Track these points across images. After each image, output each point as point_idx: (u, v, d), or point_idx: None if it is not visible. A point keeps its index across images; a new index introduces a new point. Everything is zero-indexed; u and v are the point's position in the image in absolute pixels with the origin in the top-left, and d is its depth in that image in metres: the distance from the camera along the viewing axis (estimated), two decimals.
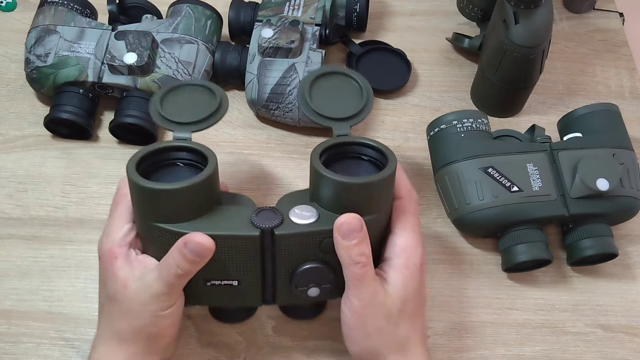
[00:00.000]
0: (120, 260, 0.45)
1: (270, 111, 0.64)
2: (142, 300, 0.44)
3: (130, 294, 0.44)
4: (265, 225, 0.44)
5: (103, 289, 0.47)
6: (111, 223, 0.47)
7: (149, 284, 0.44)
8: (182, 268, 0.43)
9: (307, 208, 0.45)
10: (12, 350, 0.55)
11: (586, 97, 0.70)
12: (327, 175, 0.44)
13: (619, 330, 0.58)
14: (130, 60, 0.61)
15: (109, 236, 0.46)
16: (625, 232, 0.62)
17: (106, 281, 0.46)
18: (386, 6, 0.76)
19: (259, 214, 0.45)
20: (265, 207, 0.46)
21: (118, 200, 0.48)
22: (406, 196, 0.47)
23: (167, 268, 0.43)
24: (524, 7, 0.57)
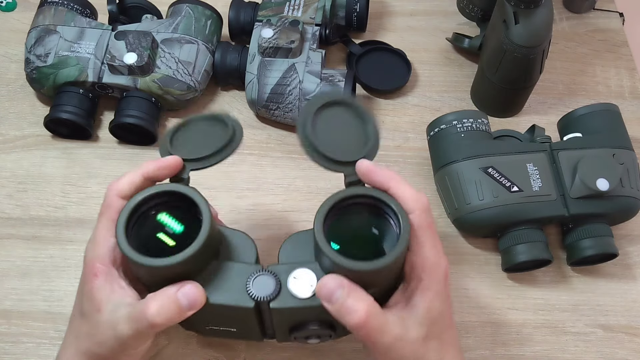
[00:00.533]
0: (100, 280, 0.42)
1: (270, 111, 0.64)
2: (109, 336, 0.41)
3: (100, 320, 0.41)
4: (260, 297, 0.42)
5: (79, 300, 0.44)
6: (97, 233, 0.43)
7: (117, 320, 0.40)
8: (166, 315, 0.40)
9: (308, 275, 0.42)
10: (12, 350, 0.55)
11: (586, 97, 0.70)
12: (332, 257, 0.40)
13: (619, 330, 0.58)
14: (130, 60, 0.61)
15: (95, 246, 0.43)
16: (625, 232, 0.62)
17: (83, 294, 0.43)
18: (386, 6, 0.76)
19: (255, 281, 0.42)
20: (262, 271, 0.42)
21: (103, 211, 0.44)
22: (415, 208, 0.42)
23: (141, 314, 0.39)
24: (524, 7, 0.57)
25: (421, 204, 0.42)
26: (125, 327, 0.40)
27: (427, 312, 0.41)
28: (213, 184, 0.63)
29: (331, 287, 0.40)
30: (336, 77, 0.62)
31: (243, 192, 0.63)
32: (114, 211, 0.43)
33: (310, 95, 0.62)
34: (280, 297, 0.42)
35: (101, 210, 0.44)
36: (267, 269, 0.43)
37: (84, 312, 0.43)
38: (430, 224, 0.42)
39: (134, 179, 0.44)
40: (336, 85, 0.62)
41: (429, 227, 0.42)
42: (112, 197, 0.43)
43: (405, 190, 0.42)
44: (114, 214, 0.43)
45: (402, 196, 0.42)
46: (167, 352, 0.55)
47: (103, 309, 0.41)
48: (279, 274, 0.42)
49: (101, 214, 0.44)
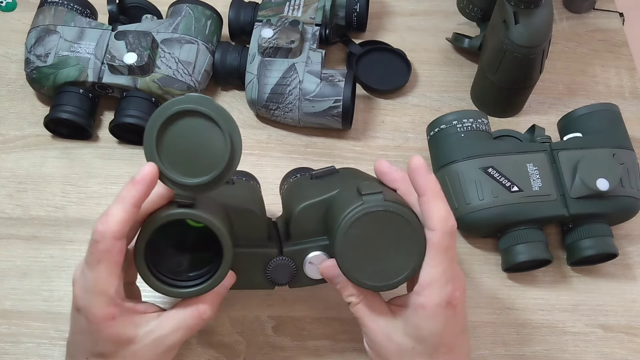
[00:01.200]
0: (119, 320, 0.41)
1: (270, 111, 0.64)
2: (154, 352, 0.42)
3: (136, 349, 0.42)
4: (280, 282, 0.47)
5: (89, 347, 0.43)
6: (97, 281, 0.40)
7: (164, 335, 0.42)
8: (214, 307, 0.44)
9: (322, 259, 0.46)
10: (12, 350, 0.55)
11: (586, 97, 0.70)
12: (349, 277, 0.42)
13: (619, 330, 0.58)
14: (130, 60, 0.61)
15: (99, 296, 0.40)
16: (625, 232, 0.62)
17: (97, 341, 0.42)
18: (386, 6, 0.76)
19: (274, 268, 0.46)
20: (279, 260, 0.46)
21: (100, 257, 0.40)
22: (438, 228, 0.41)
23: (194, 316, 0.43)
24: (524, 7, 0.57)
25: (447, 227, 0.41)
26: (175, 336, 0.43)
27: (415, 329, 0.42)
28: None
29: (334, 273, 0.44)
30: (336, 77, 0.62)
31: None
32: (116, 254, 0.40)
33: (311, 95, 0.62)
34: (297, 279, 0.47)
35: (97, 257, 0.40)
36: (284, 257, 0.46)
37: (107, 353, 0.42)
38: (447, 247, 0.41)
39: (124, 215, 0.40)
40: (336, 85, 0.62)
41: (446, 250, 0.41)
42: (108, 242, 0.40)
43: (439, 207, 0.41)
44: (116, 257, 0.40)
45: (431, 212, 0.41)
46: None
47: (136, 339, 0.42)
48: (294, 258, 0.46)
49: (99, 260, 0.40)
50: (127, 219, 0.40)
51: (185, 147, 0.40)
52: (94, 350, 0.42)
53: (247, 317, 0.57)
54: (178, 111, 0.39)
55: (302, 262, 0.46)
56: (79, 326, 0.42)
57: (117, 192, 0.62)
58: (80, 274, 0.42)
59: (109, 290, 0.41)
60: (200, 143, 0.40)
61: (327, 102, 0.62)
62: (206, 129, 0.40)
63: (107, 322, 0.41)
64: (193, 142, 0.40)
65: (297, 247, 0.46)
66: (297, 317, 0.57)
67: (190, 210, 0.40)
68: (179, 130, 0.40)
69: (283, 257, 0.46)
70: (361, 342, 0.56)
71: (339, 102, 0.62)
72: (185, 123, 0.40)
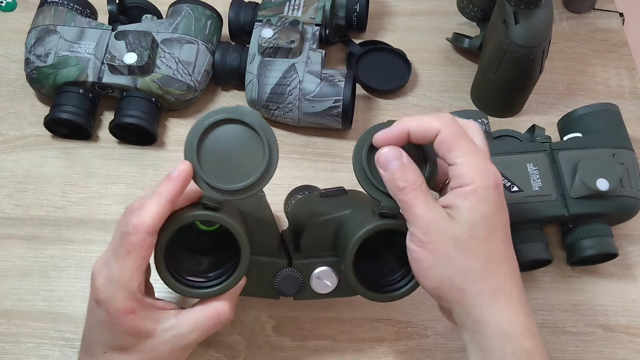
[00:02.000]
0: (139, 314, 0.42)
1: (270, 111, 0.64)
2: (171, 349, 0.43)
3: (155, 344, 0.43)
4: (286, 293, 0.47)
5: (108, 340, 0.43)
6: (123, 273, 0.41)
7: (182, 333, 0.43)
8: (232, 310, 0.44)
9: (329, 275, 0.47)
10: (12, 350, 0.55)
11: (586, 97, 0.70)
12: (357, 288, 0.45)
13: (619, 330, 0.58)
14: (130, 60, 0.61)
15: (122, 288, 0.41)
16: (625, 232, 0.62)
17: (117, 334, 0.42)
18: (386, 6, 0.76)
19: (281, 279, 0.47)
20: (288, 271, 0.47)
21: (131, 250, 0.40)
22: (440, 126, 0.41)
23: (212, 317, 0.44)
24: (524, 7, 0.57)
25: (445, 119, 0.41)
26: (193, 335, 0.43)
27: (469, 212, 0.40)
28: None
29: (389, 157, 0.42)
30: (336, 77, 0.62)
31: None
32: (146, 249, 0.41)
33: (311, 95, 0.62)
34: (303, 292, 0.47)
35: (128, 249, 0.40)
36: (293, 268, 0.47)
37: (126, 346, 0.43)
38: (460, 133, 0.41)
39: (160, 211, 0.40)
40: (336, 85, 0.62)
41: (460, 136, 0.41)
42: (141, 235, 0.40)
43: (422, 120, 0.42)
44: (146, 252, 0.41)
45: (425, 126, 0.41)
46: None
47: (155, 334, 0.42)
48: (302, 271, 0.47)
49: (128, 253, 0.40)
50: (162, 214, 0.41)
51: (225, 153, 0.42)
52: (112, 343, 0.43)
53: (247, 317, 0.57)
54: (224, 118, 0.41)
55: (310, 275, 0.47)
56: (97, 318, 0.43)
57: (117, 192, 0.63)
58: (101, 266, 0.42)
59: (132, 284, 0.41)
60: (239, 151, 0.42)
61: (327, 102, 0.62)
62: (247, 139, 0.41)
63: (128, 316, 0.41)
64: (233, 149, 0.42)
65: (307, 261, 0.47)
66: (297, 317, 0.57)
67: (218, 214, 0.42)
68: (221, 137, 0.41)
69: (292, 269, 0.46)
70: (361, 342, 0.56)
71: (339, 102, 0.62)
72: (228, 130, 0.41)
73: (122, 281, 0.41)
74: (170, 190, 0.41)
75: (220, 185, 0.41)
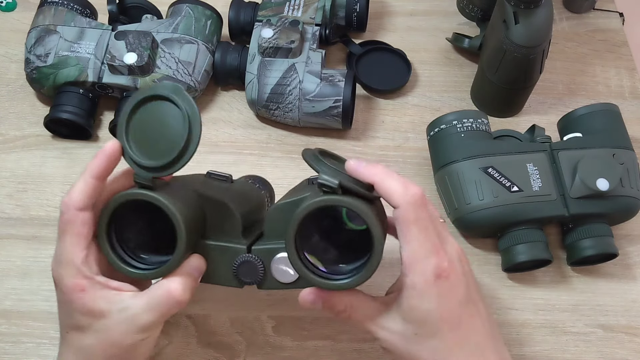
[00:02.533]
0: (89, 293, 0.42)
1: (270, 111, 0.64)
2: (125, 330, 0.42)
3: (109, 324, 0.42)
4: (247, 281, 0.45)
5: (67, 320, 0.44)
6: (64, 252, 0.42)
7: (135, 314, 0.42)
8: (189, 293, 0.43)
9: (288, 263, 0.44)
10: (12, 350, 0.55)
11: (586, 97, 0.70)
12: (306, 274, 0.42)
13: (619, 330, 0.58)
14: (130, 60, 0.61)
15: (67, 266, 0.42)
16: (625, 232, 0.62)
17: (72, 313, 0.43)
18: (386, 6, 0.76)
19: (241, 266, 0.45)
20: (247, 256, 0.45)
21: (64, 228, 0.42)
22: (401, 204, 0.40)
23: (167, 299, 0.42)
24: (524, 7, 0.57)
25: (409, 198, 0.40)
26: (147, 316, 0.42)
27: (411, 311, 0.41)
28: None
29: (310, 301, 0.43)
30: (336, 77, 0.62)
31: None
32: (79, 225, 0.42)
33: (311, 95, 0.62)
34: (266, 281, 0.45)
35: (62, 228, 0.42)
36: (252, 254, 0.45)
37: (82, 325, 0.43)
38: (418, 218, 0.40)
39: (85, 187, 0.42)
40: (336, 85, 0.62)
41: (415, 222, 0.40)
42: (71, 212, 0.42)
43: (390, 185, 0.41)
44: (79, 228, 0.42)
45: (388, 192, 0.41)
46: (167, 352, 0.55)
47: (108, 314, 0.42)
48: (263, 257, 0.44)
49: (63, 231, 0.42)
50: (88, 189, 0.42)
51: (152, 130, 0.42)
52: (70, 322, 0.43)
53: (247, 317, 0.57)
54: (148, 95, 0.42)
55: (270, 263, 0.45)
56: (58, 300, 0.44)
57: None
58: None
59: (74, 261, 0.42)
60: (164, 128, 0.42)
61: (327, 102, 0.62)
62: (172, 116, 0.42)
63: (77, 294, 0.42)
64: (159, 126, 0.42)
65: (266, 247, 0.45)
66: (297, 317, 0.57)
67: (145, 191, 0.42)
68: (149, 114, 0.42)
69: (251, 255, 0.45)
70: (361, 342, 0.56)
71: (339, 102, 0.62)
72: (156, 107, 0.42)
73: (64, 258, 0.42)
74: (94, 166, 0.42)
75: (144, 162, 0.42)
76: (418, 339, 0.41)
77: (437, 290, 0.40)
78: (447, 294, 0.41)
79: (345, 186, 0.40)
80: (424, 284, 0.40)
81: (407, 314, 0.41)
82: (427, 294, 0.40)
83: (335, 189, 0.40)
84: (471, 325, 0.42)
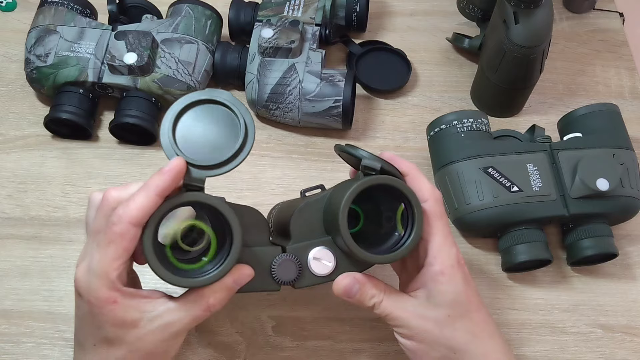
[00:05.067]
0: (121, 304, 0.41)
1: (270, 111, 0.64)
2: (160, 338, 0.42)
3: (141, 334, 0.42)
4: (286, 281, 0.46)
5: (94, 332, 0.43)
6: (102, 262, 0.41)
7: (170, 322, 0.42)
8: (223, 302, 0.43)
9: (326, 254, 0.46)
10: (12, 350, 0.55)
11: (586, 97, 0.70)
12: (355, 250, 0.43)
13: (619, 330, 0.58)
14: (130, 60, 0.61)
15: (101, 278, 0.41)
16: (625, 232, 0.62)
17: (101, 325, 0.42)
18: (386, 6, 0.76)
19: (279, 266, 0.45)
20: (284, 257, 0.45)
21: (113, 239, 0.40)
22: (430, 198, 0.45)
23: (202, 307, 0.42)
24: (524, 7, 0.57)
25: (437, 194, 0.46)
26: (181, 324, 0.42)
27: (442, 295, 0.44)
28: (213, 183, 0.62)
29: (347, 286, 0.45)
30: (336, 77, 0.62)
31: (243, 192, 0.63)
32: (129, 240, 0.40)
33: (311, 95, 0.62)
34: (303, 277, 0.46)
35: (110, 239, 0.40)
36: (288, 253, 0.46)
37: (112, 338, 0.42)
38: (441, 214, 0.46)
39: (147, 203, 0.40)
40: (336, 85, 0.62)
41: (440, 217, 0.46)
42: (125, 226, 0.40)
43: (422, 181, 0.46)
44: (128, 243, 0.40)
45: (418, 186, 0.46)
46: None
47: (140, 324, 0.42)
48: (298, 255, 0.46)
49: (110, 242, 0.40)
50: (148, 206, 0.40)
51: (201, 133, 0.42)
52: (99, 335, 0.42)
53: (247, 317, 0.57)
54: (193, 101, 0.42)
55: (307, 258, 0.46)
56: (82, 312, 0.43)
57: None
58: (82, 258, 0.42)
59: (111, 274, 0.41)
60: (215, 130, 0.43)
61: (327, 102, 0.62)
62: (221, 117, 0.43)
63: (109, 306, 0.41)
64: (208, 128, 0.43)
65: (300, 244, 0.46)
66: (297, 317, 0.57)
67: (201, 193, 0.42)
68: (196, 118, 0.43)
69: (288, 254, 0.46)
70: (361, 342, 0.56)
71: (339, 102, 0.62)
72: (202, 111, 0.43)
73: (101, 270, 0.41)
74: (160, 183, 0.41)
75: (199, 162, 0.42)
76: (451, 321, 0.45)
77: (461, 274, 0.45)
78: (467, 278, 0.46)
79: (385, 169, 0.44)
80: (451, 269, 0.45)
81: (438, 298, 0.45)
82: (454, 278, 0.45)
83: (378, 170, 0.44)
84: (487, 311, 0.47)
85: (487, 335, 0.46)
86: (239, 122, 0.43)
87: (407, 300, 0.45)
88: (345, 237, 0.43)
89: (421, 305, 0.45)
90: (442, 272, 0.45)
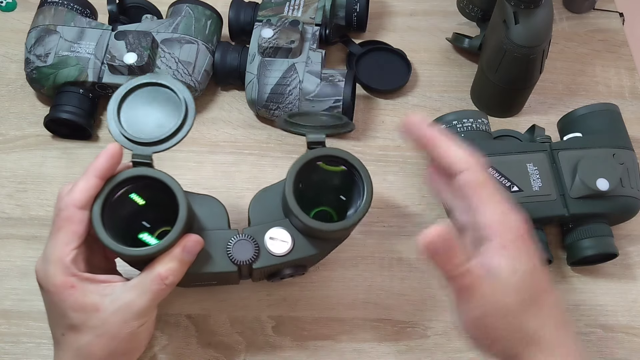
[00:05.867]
0: (79, 288, 0.42)
1: (270, 111, 0.64)
2: (122, 319, 0.42)
3: (104, 316, 0.42)
4: (242, 261, 0.46)
5: (60, 320, 0.44)
6: (54, 249, 0.42)
7: (129, 301, 0.42)
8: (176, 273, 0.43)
9: (282, 233, 0.46)
10: (12, 350, 0.55)
11: (586, 97, 0.70)
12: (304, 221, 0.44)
13: (619, 330, 0.58)
14: (130, 60, 0.61)
15: (55, 264, 0.42)
16: (625, 232, 0.62)
17: (64, 312, 0.42)
18: (386, 6, 0.76)
19: (235, 246, 0.46)
20: (239, 237, 0.46)
21: (61, 225, 0.43)
22: (464, 167, 0.40)
23: (155, 280, 0.42)
24: (524, 7, 0.57)
25: (473, 162, 0.40)
26: (141, 301, 0.42)
27: (512, 275, 0.38)
28: (213, 184, 0.63)
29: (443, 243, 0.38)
30: (336, 77, 0.62)
31: (243, 192, 0.63)
32: (77, 223, 0.42)
33: (311, 95, 0.62)
34: (261, 258, 0.46)
35: (58, 225, 0.43)
36: (244, 234, 0.46)
37: (76, 324, 0.42)
38: (487, 181, 0.40)
39: (88, 185, 0.43)
40: (336, 85, 0.62)
41: (486, 184, 0.39)
42: (70, 210, 0.42)
43: (455, 150, 0.40)
44: (76, 226, 0.42)
45: (451, 156, 0.40)
46: (167, 352, 0.55)
47: (102, 307, 0.42)
48: (255, 236, 0.46)
49: (59, 228, 0.43)
50: (89, 188, 0.42)
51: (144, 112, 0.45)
52: (64, 323, 0.43)
53: (247, 317, 0.57)
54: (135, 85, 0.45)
55: (263, 239, 0.46)
56: (46, 303, 0.44)
57: None
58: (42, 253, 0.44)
59: (64, 259, 0.42)
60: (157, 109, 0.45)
61: (327, 102, 0.62)
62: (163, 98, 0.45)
63: (67, 291, 0.42)
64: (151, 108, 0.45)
65: (258, 227, 0.47)
66: (297, 317, 0.57)
67: (141, 168, 0.43)
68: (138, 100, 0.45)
69: (244, 234, 0.46)
70: (361, 342, 0.56)
71: (339, 102, 0.62)
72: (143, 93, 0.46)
73: (55, 257, 0.42)
74: (97, 165, 0.43)
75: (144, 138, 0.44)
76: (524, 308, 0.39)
77: (525, 248, 0.39)
78: (532, 251, 0.39)
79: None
80: (513, 243, 0.38)
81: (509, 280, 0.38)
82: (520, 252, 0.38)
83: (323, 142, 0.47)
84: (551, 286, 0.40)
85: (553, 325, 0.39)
86: (179, 101, 0.45)
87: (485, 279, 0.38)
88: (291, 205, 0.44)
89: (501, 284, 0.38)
90: (503, 246, 0.38)
